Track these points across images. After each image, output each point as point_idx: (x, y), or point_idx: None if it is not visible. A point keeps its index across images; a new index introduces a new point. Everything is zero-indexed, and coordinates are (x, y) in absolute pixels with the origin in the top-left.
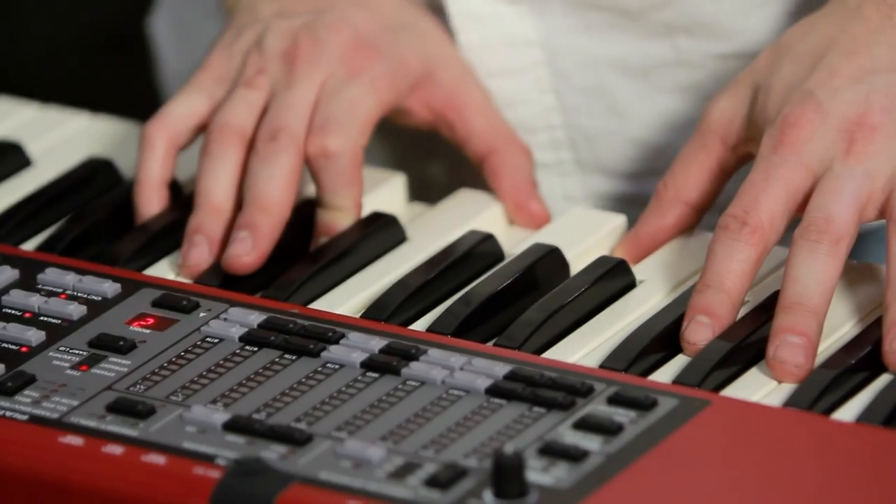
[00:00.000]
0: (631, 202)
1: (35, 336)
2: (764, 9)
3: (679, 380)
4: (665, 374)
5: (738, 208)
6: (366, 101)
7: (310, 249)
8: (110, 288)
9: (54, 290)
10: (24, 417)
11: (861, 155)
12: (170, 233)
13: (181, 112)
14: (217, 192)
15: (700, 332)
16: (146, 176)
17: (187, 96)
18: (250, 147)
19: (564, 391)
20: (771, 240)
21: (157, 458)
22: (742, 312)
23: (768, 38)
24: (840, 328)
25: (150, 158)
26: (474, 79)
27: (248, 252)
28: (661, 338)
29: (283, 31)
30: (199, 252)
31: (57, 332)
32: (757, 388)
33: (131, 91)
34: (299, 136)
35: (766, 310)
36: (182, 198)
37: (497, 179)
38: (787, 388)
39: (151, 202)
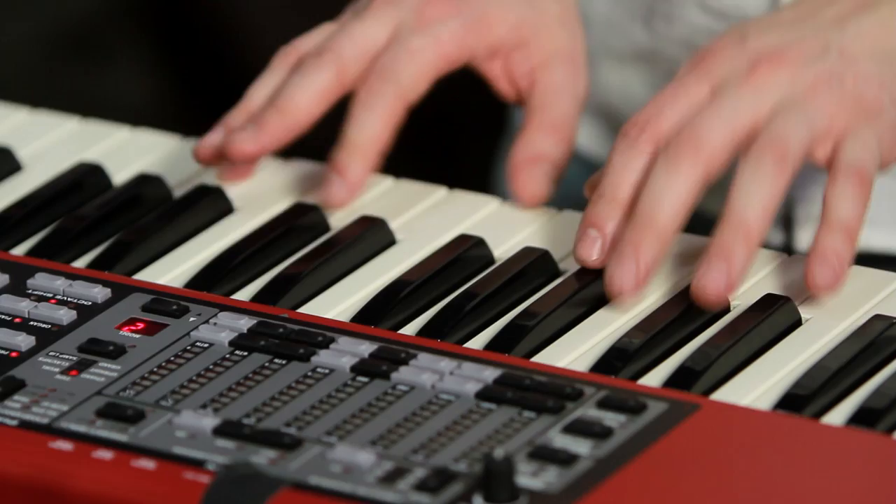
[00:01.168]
0: None
1: (25, 341)
2: None
3: (670, 383)
4: (655, 378)
5: (641, 117)
6: (425, 53)
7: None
8: (100, 293)
9: (44, 294)
10: (14, 422)
11: (757, 82)
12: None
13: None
14: (254, 97)
15: (588, 248)
16: (252, 94)
17: (308, 36)
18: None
19: (554, 395)
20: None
21: (147, 463)
22: (733, 315)
23: None
24: (836, 327)
25: (266, 81)
26: (563, 63)
27: (247, 140)
28: (650, 341)
29: None
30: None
31: (47, 337)
32: (747, 391)
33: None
34: (346, 60)
35: (758, 313)
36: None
37: (512, 150)
38: (778, 390)
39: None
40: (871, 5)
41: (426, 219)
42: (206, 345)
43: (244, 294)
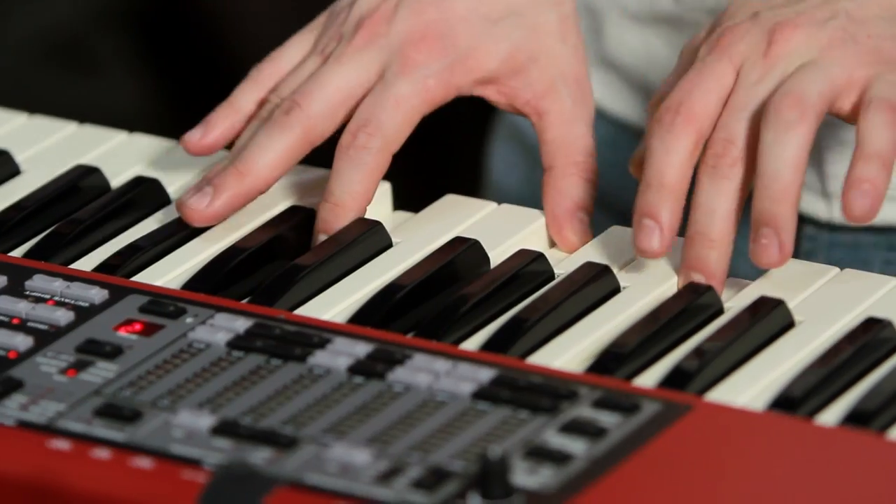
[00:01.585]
0: None
1: (23, 342)
2: None
3: (664, 384)
4: (649, 379)
5: (673, 101)
6: (411, 101)
7: (308, 249)
8: (98, 294)
9: (42, 296)
10: (12, 422)
11: (774, 57)
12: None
13: (283, 64)
14: (242, 103)
15: (647, 238)
16: (238, 99)
17: (290, 46)
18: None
19: (549, 395)
20: (705, 129)
21: (145, 462)
22: (727, 317)
23: None
24: (829, 328)
25: (249, 90)
26: (567, 83)
27: (203, 209)
28: (645, 342)
29: (370, 6)
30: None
31: (45, 337)
32: (741, 392)
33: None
34: (314, 118)
35: (751, 315)
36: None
37: (544, 198)
38: (771, 391)
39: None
40: None
41: (422, 221)
42: (203, 345)
43: (241, 295)
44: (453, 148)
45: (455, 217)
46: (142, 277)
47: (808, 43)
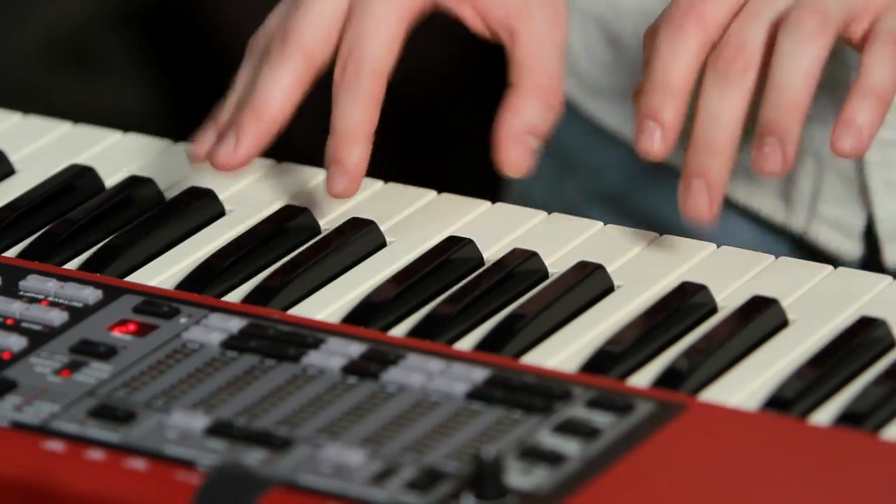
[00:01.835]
0: None
1: (17, 342)
2: None
3: (658, 383)
4: (643, 379)
5: (683, 4)
6: (388, 18)
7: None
8: (91, 294)
9: (36, 296)
10: (6, 423)
11: None
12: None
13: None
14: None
15: (648, 139)
16: (237, 87)
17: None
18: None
19: (543, 395)
20: (714, 34)
21: (139, 463)
22: (721, 317)
23: None
24: (823, 328)
25: (245, 70)
26: (542, 6)
27: (231, 154)
28: (638, 342)
29: None
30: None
31: (39, 338)
32: (734, 391)
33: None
34: (311, 45)
35: (745, 314)
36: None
37: (498, 115)
38: (765, 390)
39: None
40: None
41: (416, 221)
42: (197, 346)
43: (235, 296)
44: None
45: (449, 216)
46: (135, 277)
47: None
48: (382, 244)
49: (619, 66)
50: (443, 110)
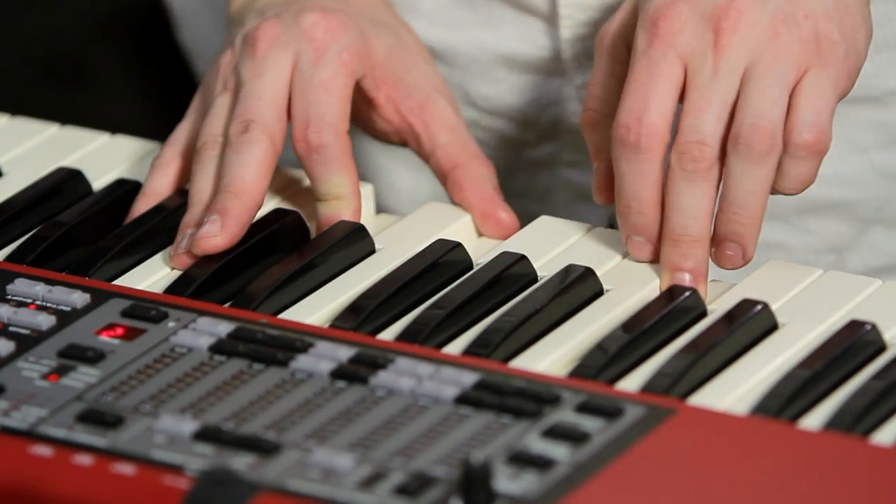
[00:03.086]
0: None
1: (4, 346)
2: None
3: (647, 387)
4: (632, 383)
5: (630, 117)
6: (336, 80)
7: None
8: (79, 298)
9: (24, 300)
10: None
11: (724, 49)
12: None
13: (184, 135)
14: (203, 192)
15: (640, 252)
16: (152, 189)
17: (187, 122)
18: None
19: (532, 400)
20: (668, 137)
21: (127, 468)
22: (710, 320)
23: None
24: (813, 331)
25: (160, 176)
26: (444, 94)
27: (217, 233)
28: (628, 346)
29: (251, 25)
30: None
31: (26, 342)
32: (723, 395)
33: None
34: (270, 125)
35: (734, 318)
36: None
37: (461, 192)
38: (754, 394)
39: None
40: None
41: (405, 226)
42: (185, 350)
43: (223, 299)
44: None
45: (438, 222)
46: (123, 281)
47: (753, 30)
48: (372, 250)
49: None
50: None
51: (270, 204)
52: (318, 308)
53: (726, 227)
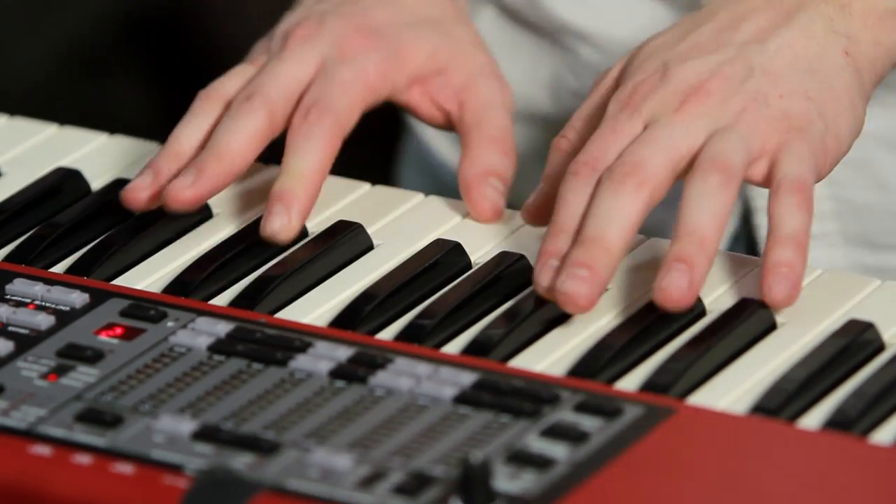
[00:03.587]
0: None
1: (3, 346)
2: None
3: (646, 387)
4: (631, 383)
5: (589, 155)
6: (355, 85)
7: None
8: (78, 298)
9: (23, 300)
10: None
11: (688, 114)
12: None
13: (220, 88)
14: (182, 140)
15: (548, 275)
16: (179, 137)
17: (226, 78)
18: None
19: (531, 399)
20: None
21: (126, 468)
22: (709, 320)
23: None
24: (811, 331)
25: (192, 124)
26: (487, 77)
27: (188, 186)
28: (626, 345)
29: (298, 16)
30: (142, 181)
31: (25, 342)
32: (722, 395)
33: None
34: (275, 101)
35: (732, 316)
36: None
37: (459, 169)
38: (753, 394)
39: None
40: (788, 15)
41: (403, 224)
42: (184, 349)
43: (222, 299)
44: None
45: (436, 219)
46: (122, 281)
47: (720, 108)
48: (370, 247)
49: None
50: None
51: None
52: (316, 306)
53: (674, 247)
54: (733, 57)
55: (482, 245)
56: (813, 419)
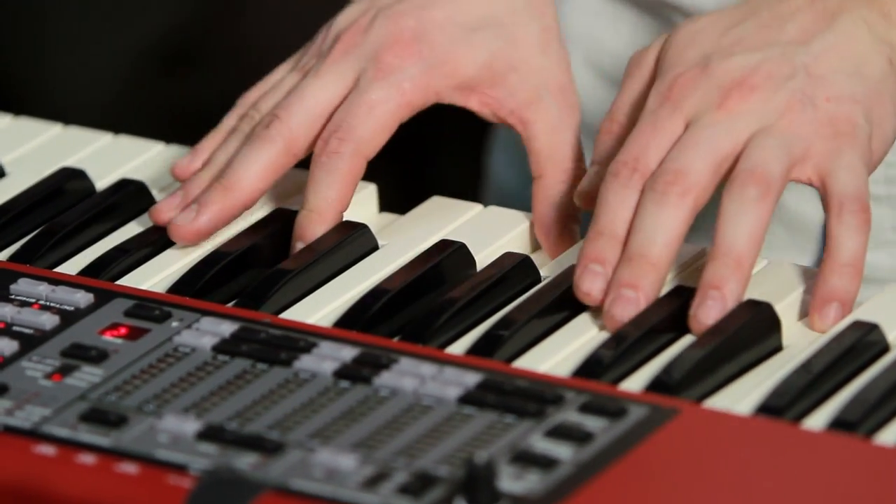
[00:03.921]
0: None
1: (8, 346)
2: None
3: (650, 388)
4: (636, 383)
5: (629, 155)
6: (384, 105)
7: (289, 255)
8: (83, 298)
9: (27, 300)
10: None
11: (731, 111)
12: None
13: (267, 88)
14: (206, 155)
15: (591, 281)
16: (204, 151)
17: (275, 72)
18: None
19: (535, 400)
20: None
21: (130, 468)
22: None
23: None
24: (813, 334)
25: (218, 141)
26: (552, 92)
27: (189, 224)
28: (631, 346)
29: (354, 11)
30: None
31: (30, 342)
32: (727, 396)
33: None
34: (294, 131)
35: (737, 317)
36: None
37: (534, 206)
38: (759, 394)
39: None
40: (832, 17)
41: (408, 224)
42: (188, 349)
43: (226, 299)
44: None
45: (441, 219)
46: (127, 281)
47: (763, 105)
48: (374, 247)
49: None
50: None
51: (272, 204)
52: (321, 307)
53: (710, 269)
54: (778, 55)
55: (486, 246)
56: (817, 420)
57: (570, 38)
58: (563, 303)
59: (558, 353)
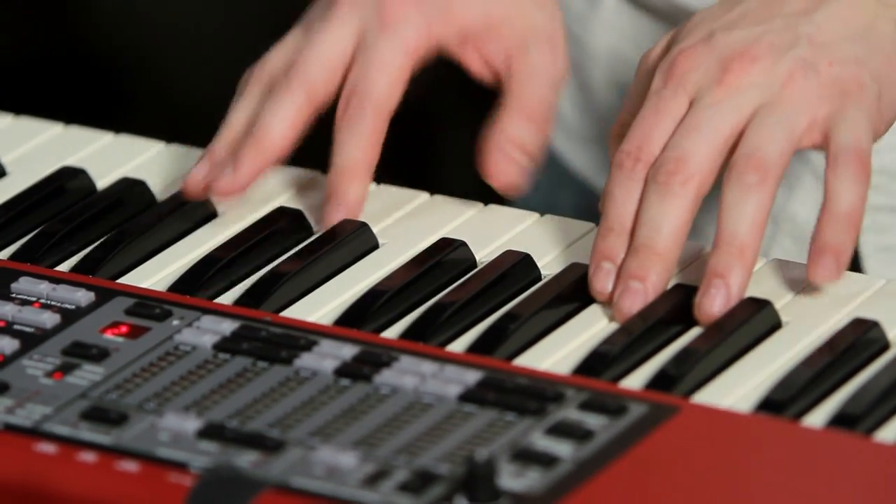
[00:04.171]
0: None
1: (9, 344)
2: None
3: (650, 385)
4: (636, 381)
5: (632, 144)
6: (395, 60)
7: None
8: (84, 296)
9: (28, 298)
10: None
11: (732, 86)
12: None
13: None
14: (234, 125)
15: (603, 280)
16: (231, 122)
17: (274, 53)
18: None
19: (536, 397)
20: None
21: (131, 466)
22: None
23: None
24: (816, 329)
25: (241, 107)
26: (538, 43)
27: (231, 181)
28: (631, 344)
29: None
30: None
31: (31, 340)
32: (727, 393)
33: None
34: (314, 82)
35: (738, 315)
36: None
37: (486, 133)
38: (758, 392)
39: None
40: None
41: (409, 223)
42: (189, 348)
43: (227, 298)
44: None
45: (441, 218)
46: (128, 279)
47: (765, 76)
48: (375, 246)
49: (588, 110)
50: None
51: (274, 203)
52: (321, 305)
53: (714, 258)
54: (780, 27)
55: (487, 243)
56: (818, 417)
57: (595, 57)
58: (568, 298)
59: (559, 351)
